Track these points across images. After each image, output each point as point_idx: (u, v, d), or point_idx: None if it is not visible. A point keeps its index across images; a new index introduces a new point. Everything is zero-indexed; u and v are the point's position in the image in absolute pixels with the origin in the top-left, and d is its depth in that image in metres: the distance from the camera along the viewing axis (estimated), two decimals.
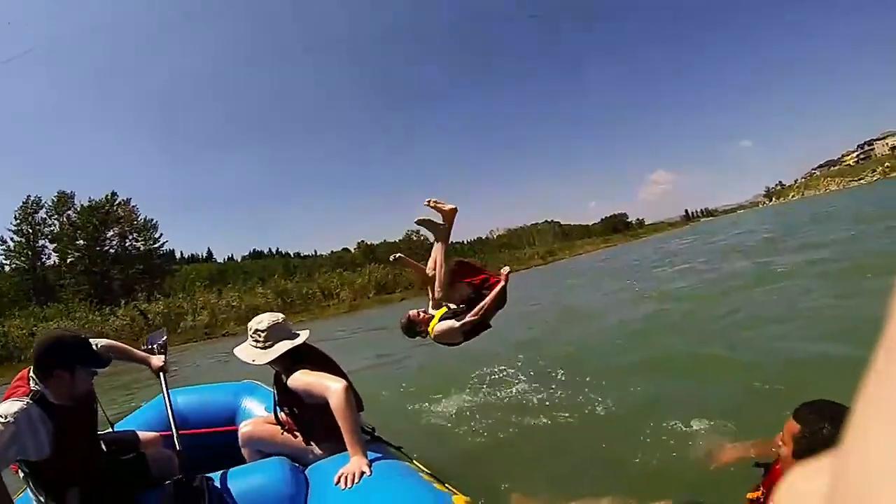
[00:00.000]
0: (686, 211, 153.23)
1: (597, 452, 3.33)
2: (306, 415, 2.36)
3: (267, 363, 2.34)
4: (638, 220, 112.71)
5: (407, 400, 5.23)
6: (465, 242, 59.00)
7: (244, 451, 2.52)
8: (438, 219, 3.71)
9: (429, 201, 3.78)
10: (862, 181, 73.38)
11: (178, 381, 8.33)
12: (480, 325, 3.91)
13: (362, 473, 1.94)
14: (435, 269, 3.80)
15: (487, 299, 3.67)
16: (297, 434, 2.43)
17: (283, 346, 2.34)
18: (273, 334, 2.36)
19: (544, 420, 4.03)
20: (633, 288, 12.19)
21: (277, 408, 2.49)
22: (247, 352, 2.39)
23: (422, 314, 4.01)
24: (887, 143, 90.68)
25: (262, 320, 2.41)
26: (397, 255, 4.31)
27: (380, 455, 2.16)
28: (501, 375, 5.31)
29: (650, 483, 2.77)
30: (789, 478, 0.20)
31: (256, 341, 2.38)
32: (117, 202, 30.91)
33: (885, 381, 0.15)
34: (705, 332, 6.12)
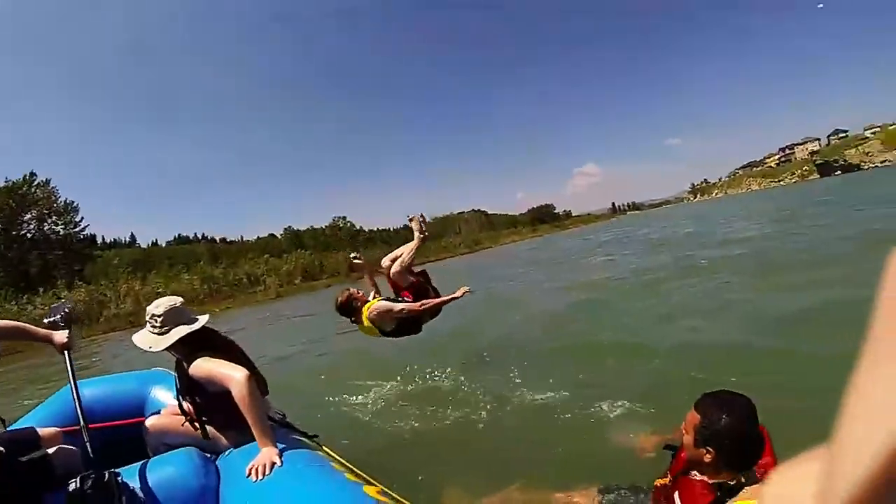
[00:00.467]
0: (613, 204, 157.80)
1: (521, 441, 3.40)
2: (210, 403, 2.30)
3: (164, 349, 2.28)
4: (565, 211, 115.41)
5: (327, 388, 5.19)
6: (392, 230, 59.60)
7: (149, 445, 2.44)
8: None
9: (415, 218, 4.34)
10: (782, 182, 78.19)
11: (99, 371, 8.65)
12: (412, 324, 4.31)
13: (273, 464, 1.94)
14: (393, 260, 4.21)
15: (434, 300, 4.13)
16: (204, 423, 2.34)
17: (180, 332, 2.26)
18: (170, 319, 2.28)
19: (467, 410, 4.00)
20: (558, 278, 12.57)
21: (180, 397, 2.41)
22: (144, 338, 2.32)
23: (361, 294, 4.26)
24: (807, 149, 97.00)
25: (159, 304, 2.32)
26: (356, 258, 4.57)
27: (290, 444, 2.16)
28: (426, 365, 5.21)
29: (574, 469, 2.82)
30: (773, 482, 0.20)
31: (154, 327, 2.29)
32: (36, 183, 29.10)
33: (873, 377, 0.15)
34: (626, 322, 6.24)
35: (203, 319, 2.36)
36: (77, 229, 31.44)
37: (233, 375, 2.10)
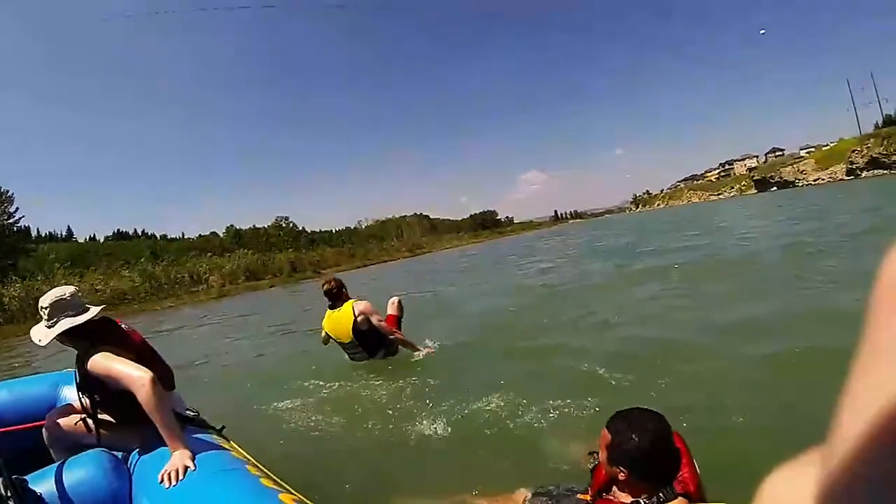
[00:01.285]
0: (556, 212, 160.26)
1: (454, 447, 3.32)
2: (112, 401, 2.18)
3: (53, 340, 2.17)
4: (508, 217, 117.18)
5: (258, 389, 5.22)
6: (334, 231, 59.60)
7: (50, 448, 2.30)
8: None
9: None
10: (721, 196, 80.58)
11: (31, 370, 8.19)
12: (374, 343, 4.93)
13: (185, 468, 1.87)
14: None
15: (401, 337, 5.00)
16: (98, 422, 2.23)
17: (65, 324, 2.14)
18: (56, 310, 2.16)
19: (397, 416, 3.94)
20: (495, 282, 12.86)
21: (80, 395, 2.24)
22: (36, 331, 2.21)
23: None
24: (745, 165, 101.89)
25: (48, 296, 2.19)
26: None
27: (203, 445, 2.09)
28: (363, 370, 5.18)
29: (506, 474, 2.78)
30: (770, 485, 0.20)
31: (44, 319, 2.18)
32: None
33: (866, 379, 0.15)
34: (559, 326, 6.26)
35: (93, 311, 2.22)
36: (10, 220, 29.87)
37: (134, 376, 2.02)
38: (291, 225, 50.11)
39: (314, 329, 6.37)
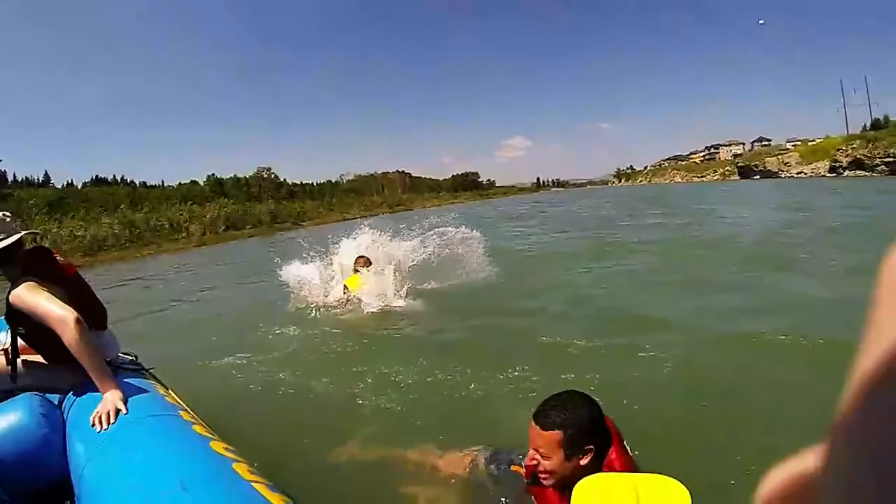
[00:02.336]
0: (538, 179, 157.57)
1: (402, 406, 3.31)
2: (39, 338, 2.06)
3: None
4: (489, 180, 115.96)
5: (211, 341, 5.17)
6: (315, 184, 59.13)
7: None
8: None
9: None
10: (703, 178, 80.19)
11: None
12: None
13: (118, 412, 1.81)
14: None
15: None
16: (15, 360, 2.09)
17: None
18: None
19: (345, 370, 3.98)
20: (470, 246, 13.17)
21: (8, 331, 2.11)
22: None
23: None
24: (731, 150, 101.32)
25: None
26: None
27: (137, 390, 2.03)
28: (322, 327, 5.24)
29: (457, 435, 2.73)
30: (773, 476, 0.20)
31: None
32: None
33: (872, 358, 0.15)
34: (532, 292, 6.38)
35: (13, 238, 2.06)
36: None
37: (56, 315, 1.90)
38: (273, 176, 49.68)
39: (284, 283, 6.61)
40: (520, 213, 27.58)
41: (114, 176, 61.25)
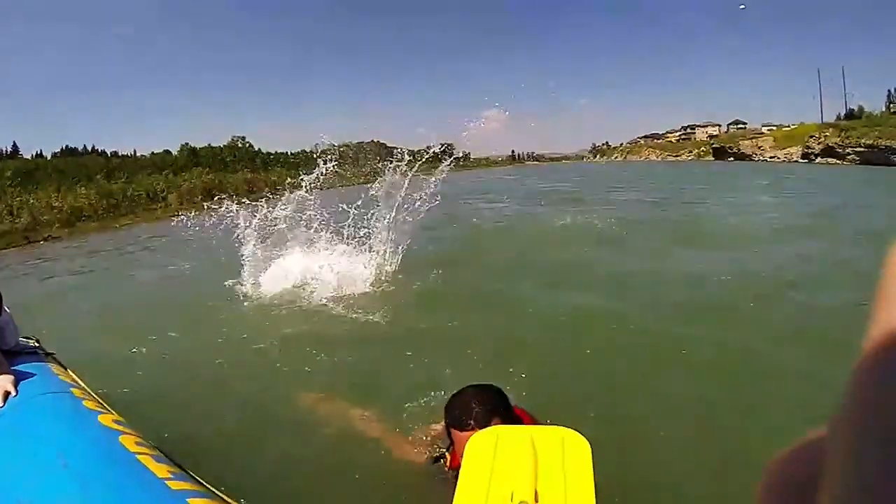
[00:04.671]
0: (513, 152, 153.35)
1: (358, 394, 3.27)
2: None
3: None
4: (464, 153, 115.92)
5: (146, 324, 5.01)
6: (290, 154, 58.48)
7: None
8: None
9: None
10: (679, 157, 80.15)
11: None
12: None
13: (7, 394, 1.77)
14: None
15: None
16: None
17: None
18: None
19: (285, 355, 3.94)
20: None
21: None
22: None
23: None
24: (707, 132, 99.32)
25: None
26: None
27: (31, 371, 1.99)
28: (272, 309, 5.20)
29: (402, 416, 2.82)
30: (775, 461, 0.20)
31: None
32: None
33: (881, 333, 0.15)
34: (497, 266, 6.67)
35: None
36: None
37: None
38: (248, 145, 49.00)
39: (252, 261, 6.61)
40: (495, 186, 28.18)
41: (84, 146, 59.53)
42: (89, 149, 58.76)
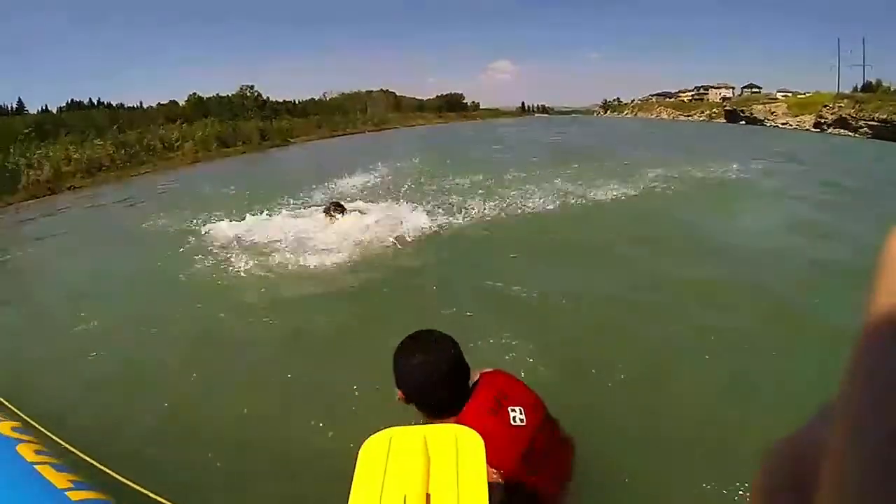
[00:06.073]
0: (523, 104, 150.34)
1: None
2: None
3: None
4: (474, 102, 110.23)
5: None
6: (297, 102, 57.71)
7: None
8: None
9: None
10: (690, 118, 77.06)
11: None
12: None
13: None
14: None
15: None
16: None
17: None
18: None
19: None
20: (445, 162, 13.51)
21: None
22: None
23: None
24: (720, 93, 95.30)
25: None
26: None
27: None
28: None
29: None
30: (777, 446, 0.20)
31: None
32: None
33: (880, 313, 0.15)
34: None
35: None
36: None
37: None
38: (257, 94, 48.38)
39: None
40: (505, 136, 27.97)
41: (90, 99, 59.08)
42: (95, 102, 58.50)
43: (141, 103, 56.66)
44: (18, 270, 6.66)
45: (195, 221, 7.14)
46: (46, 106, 54.55)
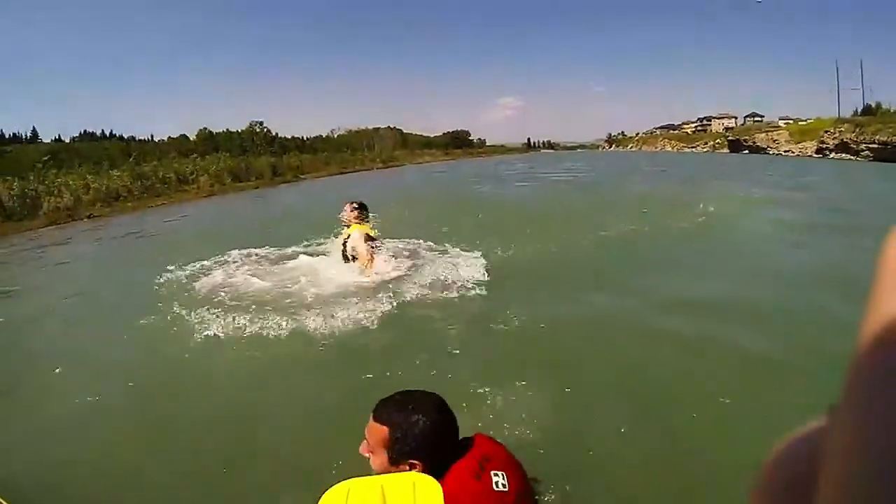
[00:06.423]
0: (528, 139, 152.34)
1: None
2: None
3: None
4: (480, 139, 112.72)
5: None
6: (305, 139, 58.71)
7: None
8: None
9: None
10: (694, 149, 79.11)
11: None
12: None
13: None
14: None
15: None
16: None
17: None
18: None
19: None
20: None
21: None
22: None
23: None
24: (723, 123, 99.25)
25: None
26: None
27: None
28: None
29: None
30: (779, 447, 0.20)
31: None
32: None
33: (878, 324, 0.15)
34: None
35: None
36: None
37: None
38: (266, 130, 49.37)
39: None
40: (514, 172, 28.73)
41: (102, 130, 60.39)
42: (107, 133, 59.70)
43: (152, 136, 57.89)
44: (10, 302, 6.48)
45: (207, 262, 6.53)
46: (59, 136, 55.73)
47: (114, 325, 4.87)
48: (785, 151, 50.90)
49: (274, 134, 50.21)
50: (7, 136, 49.51)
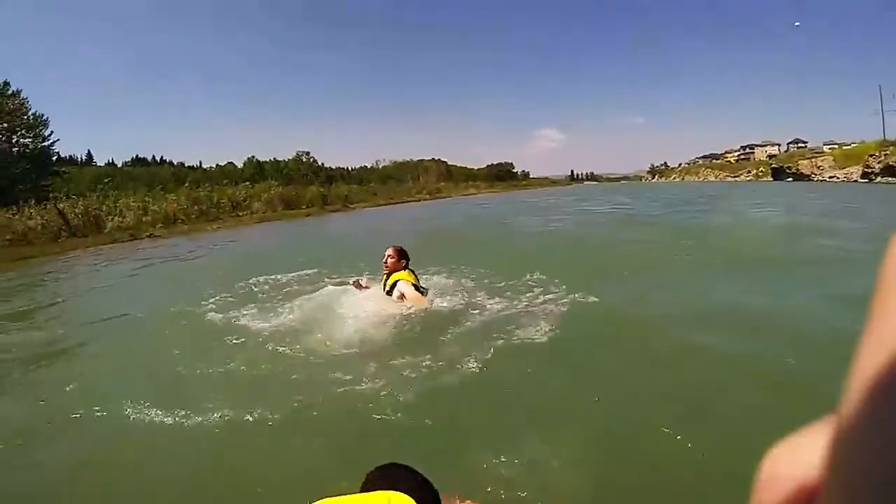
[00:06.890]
0: (572, 172, 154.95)
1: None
2: None
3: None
4: (524, 172, 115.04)
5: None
6: (350, 170, 59.67)
7: None
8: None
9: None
10: (737, 178, 77.85)
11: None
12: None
13: None
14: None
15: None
16: None
17: None
18: None
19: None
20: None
21: None
22: None
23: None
24: (766, 151, 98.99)
25: None
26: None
27: None
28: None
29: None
30: (774, 455, 0.19)
31: None
32: (10, 93, 26.14)
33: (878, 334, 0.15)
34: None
35: None
36: (46, 143, 28.70)
37: None
38: (312, 160, 50.29)
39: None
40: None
41: (153, 156, 62.84)
42: (158, 159, 62.03)
43: (200, 163, 59.89)
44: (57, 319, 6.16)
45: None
46: (112, 159, 58.14)
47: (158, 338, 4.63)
48: (830, 177, 49.10)
49: (320, 164, 51.12)
50: (63, 158, 51.63)
